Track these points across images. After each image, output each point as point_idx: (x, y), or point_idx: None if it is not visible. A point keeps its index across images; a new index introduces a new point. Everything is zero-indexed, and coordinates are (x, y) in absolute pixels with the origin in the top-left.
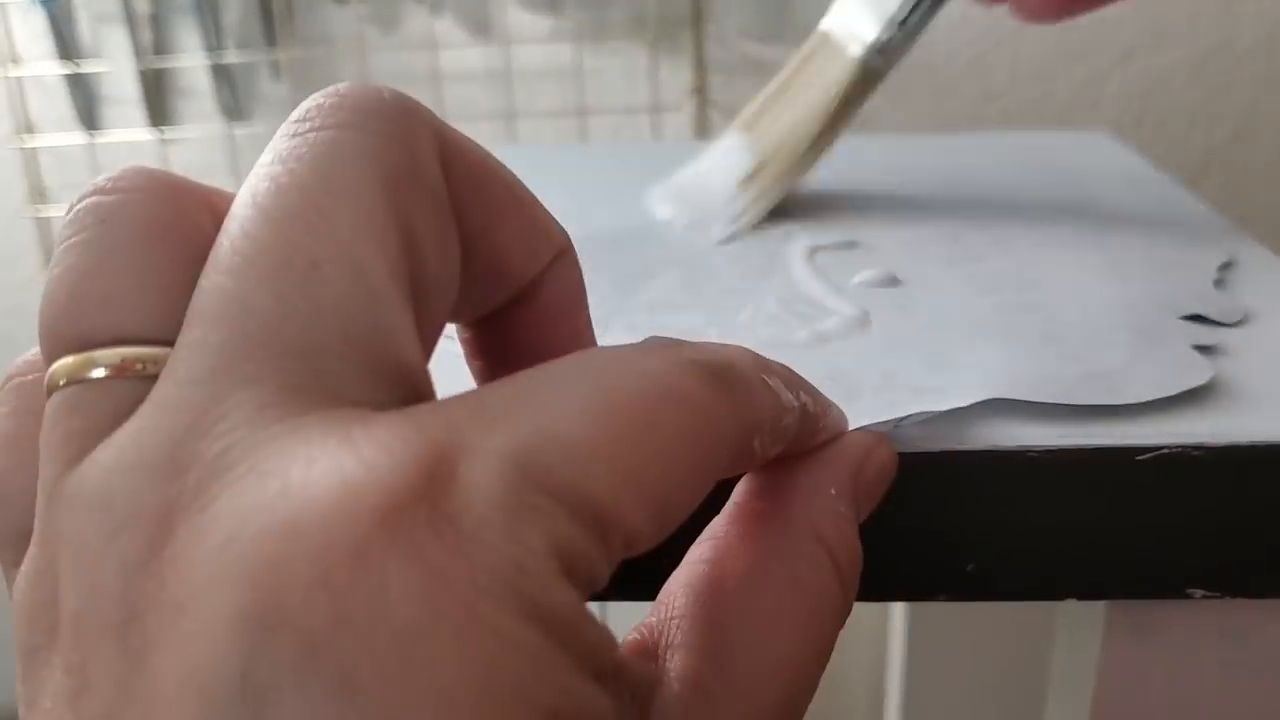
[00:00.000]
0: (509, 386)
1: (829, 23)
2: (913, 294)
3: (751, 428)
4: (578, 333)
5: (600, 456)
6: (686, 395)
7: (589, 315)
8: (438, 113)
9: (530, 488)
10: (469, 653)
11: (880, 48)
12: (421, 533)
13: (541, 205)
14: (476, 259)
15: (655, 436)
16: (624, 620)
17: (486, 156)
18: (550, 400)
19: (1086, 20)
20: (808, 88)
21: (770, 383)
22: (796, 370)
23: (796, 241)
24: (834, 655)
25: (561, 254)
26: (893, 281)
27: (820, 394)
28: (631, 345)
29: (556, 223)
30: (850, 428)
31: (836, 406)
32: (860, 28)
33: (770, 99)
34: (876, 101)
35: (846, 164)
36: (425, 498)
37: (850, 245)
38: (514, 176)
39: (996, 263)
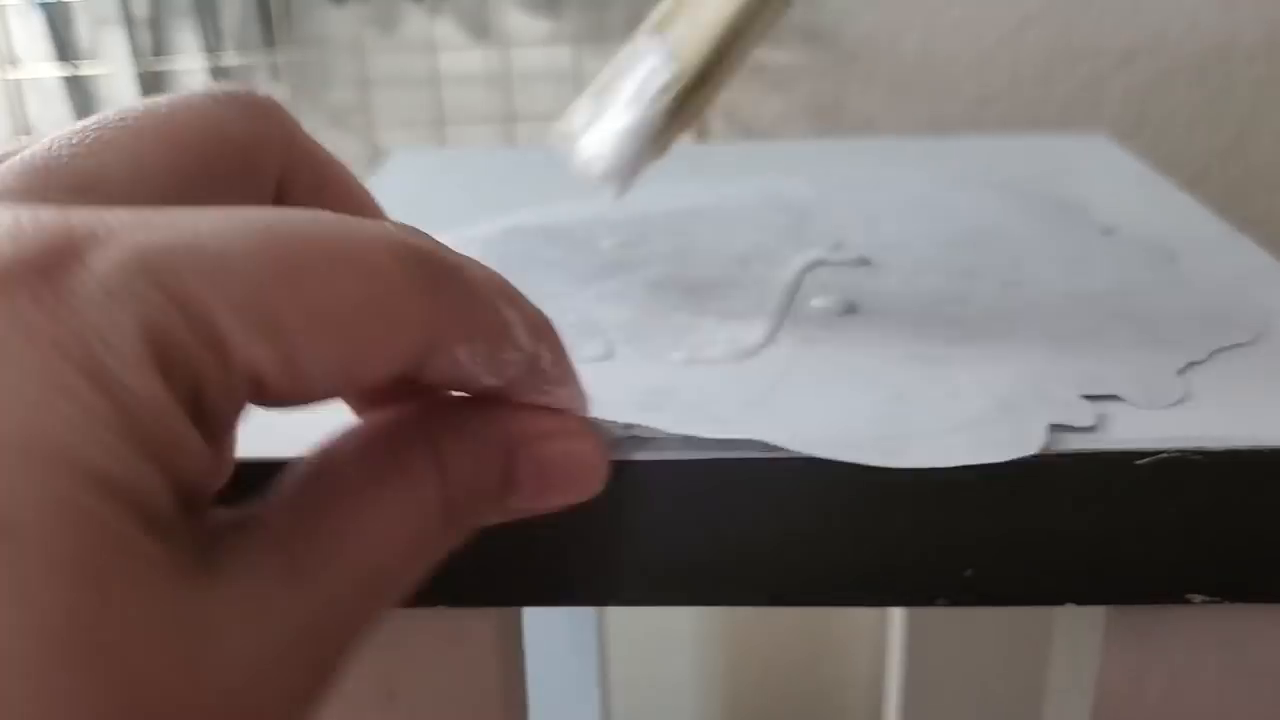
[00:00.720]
0: (195, 210)
1: None
2: (848, 329)
3: (455, 330)
4: None
5: (239, 279)
6: (377, 268)
7: None
8: (436, 114)
9: (145, 280)
10: (26, 398)
11: None
12: (23, 296)
13: (379, 212)
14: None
15: (309, 284)
16: (624, 622)
17: (332, 163)
18: (221, 222)
19: (1087, 22)
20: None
21: (505, 312)
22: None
23: (804, 254)
24: (833, 660)
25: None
26: (849, 309)
27: (569, 365)
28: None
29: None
30: (586, 414)
31: (581, 387)
32: None
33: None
34: (877, 103)
35: (869, 167)
36: (40, 270)
37: (862, 262)
38: (359, 186)
39: (961, 308)
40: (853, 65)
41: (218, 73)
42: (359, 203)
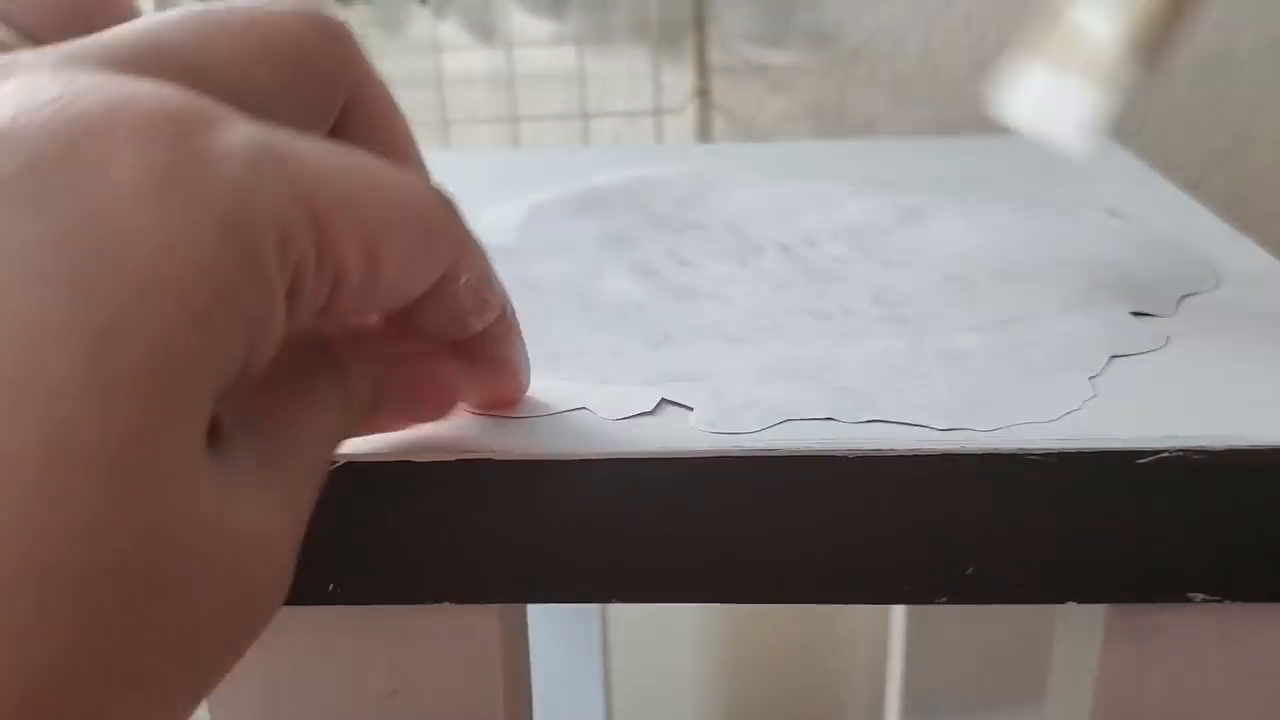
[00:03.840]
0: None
1: None
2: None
3: (463, 260)
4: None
5: (339, 182)
6: (422, 195)
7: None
8: (440, 115)
9: (270, 159)
10: (155, 239)
11: None
12: (163, 144)
13: (419, 155)
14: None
15: (386, 195)
16: (627, 618)
17: (390, 99)
18: (317, 142)
19: None
20: None
21: (478, 261)
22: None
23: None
24: (834, 656)
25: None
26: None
27: (520, 335)
28: None
29: (427, 171)
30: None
31: (526, 358)
32: None
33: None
34: (879, 104)
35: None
36: (181, 127)
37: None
38: (407, 127)
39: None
40: (855, 66)
41: None
42: (404, 137)
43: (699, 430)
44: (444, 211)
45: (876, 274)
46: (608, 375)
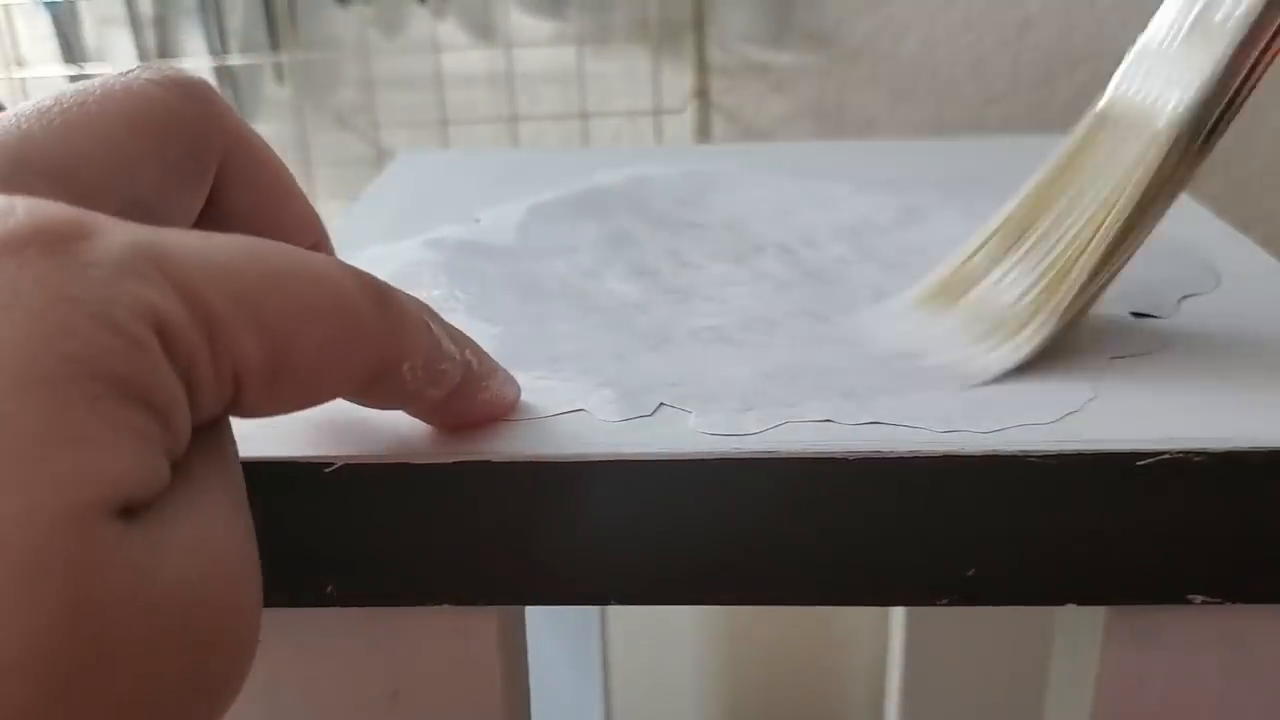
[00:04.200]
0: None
1: (1109, 100)
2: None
3: (400, 350)
4: None
5: (232, 277)
6: (339, 286)
7: None
8: (440, 115)
9: (148, 262)
10: (36, 335)
11: (1196, 114)
12: (34, 253)
13: (305, 199)
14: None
15: (290, 290)
16: (626, 619)
17: (265, 148)
18: (207, 236)
19: (1087, 24)
20: (1096, 177)
21: (433, 327)
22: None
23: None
24: (834, 658)
25: (317, 245)
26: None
27: (489, 358)
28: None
29: (315, 214)
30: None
31: (506, 372)
32: (1166, 94)
33: (1036, 196)
34: (879, 104)
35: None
36: (52, 238)
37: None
38: (287, 172)
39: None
40: (854, 67)
41: (222, 73)
42: (285, 189)
43: (699, 433)
44: (368, 300)
45: (875, 275)
46: (607, 377)
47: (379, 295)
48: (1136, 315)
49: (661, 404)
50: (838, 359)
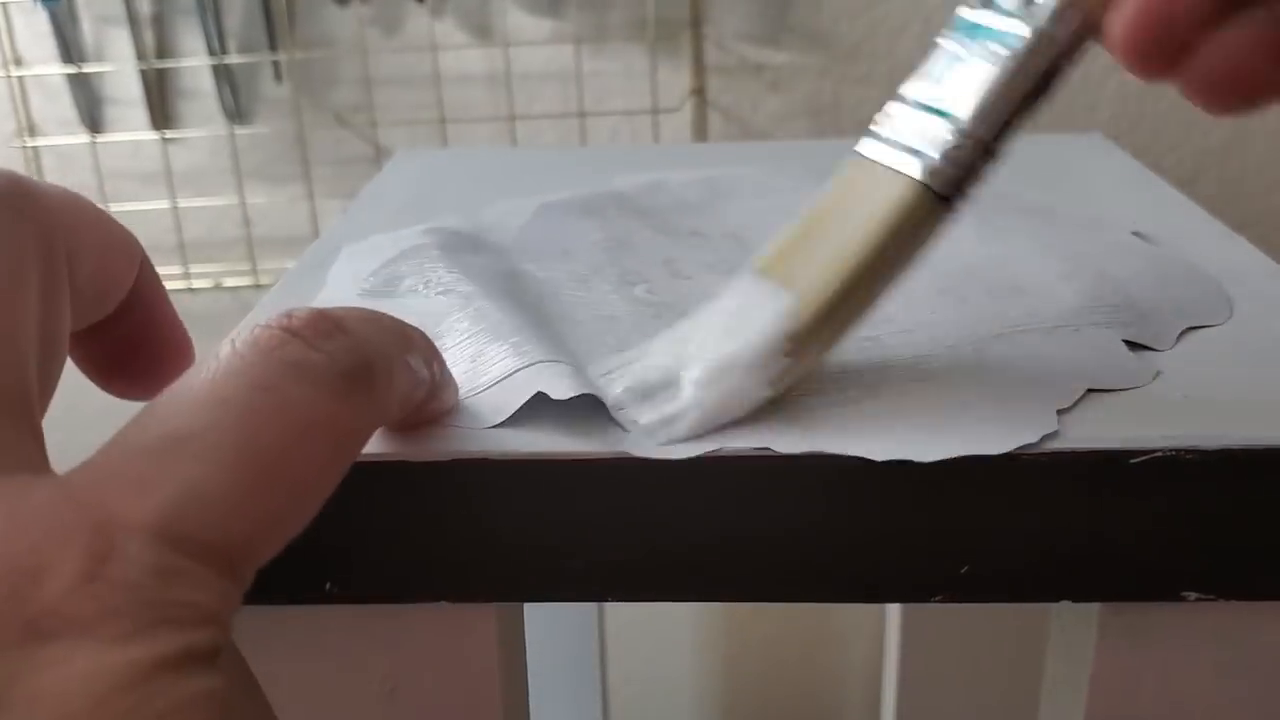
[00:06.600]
0: (153, 436)
1: (868, 146)
2: None
3: (385, 413)
4: (168, 318)
5: (242, 512)
6: (328, 422)
7: (169, 301)
8: (438, 114)
9: (178, 553)
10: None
11: (948, 162)
12: (79, 598)
13: (115, 221)
14: (79, 280)
15: (293, 474)
16: (623, 617)
17: (67, 195)
18: (194, 455)
19: None
20: (846, 221)
21: (411, 362)
22: None
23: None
24: (830, 655)
25: (142, 262)
26: None
27: (445, 367)
28: (278, 348)
29: (128, 233)
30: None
31: (455, 382)
32: (919, 142)
33: (797, 237)
34: (875, 103)
35: None
36: (89, 576)
37: None
38: (91, 204)
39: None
40: (850, 66)
41: (221, 72)
42: (94, 219)
43: (636, 442)
44: (336, 399)
45: None
46: (564, 375)
47: (358, 386)
48: (1130, 344)
49: (610, 407)
50: None
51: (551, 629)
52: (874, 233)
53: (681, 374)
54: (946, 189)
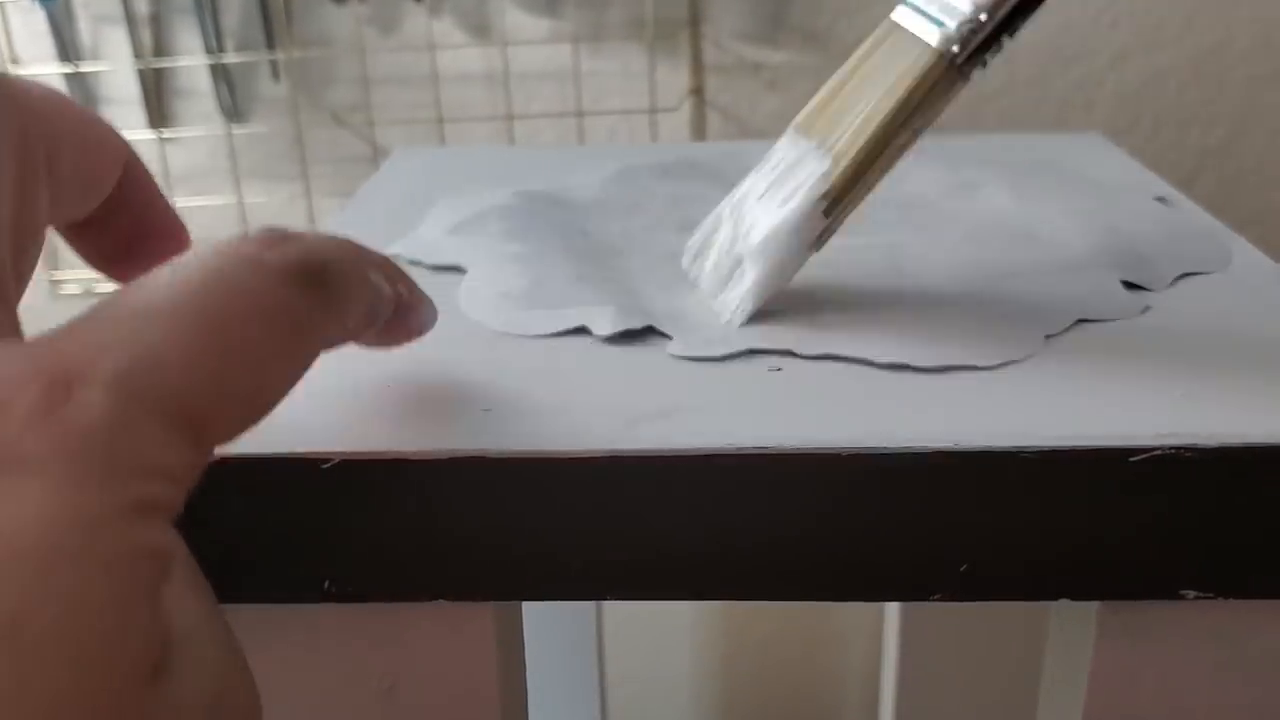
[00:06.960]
0: (118, 309)
1: (900, 12)
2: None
3: (342, 316)
4: (162, 211)
5: (200, 376)
6: (282, 307)
7: (162, 195)
8: (436, 113)
9: (134, 406)
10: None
11: (964, 31)
12: (33, 436)
13: (99, 118)
14: (61, 173)
15: (251, 349)
16: (622, 616)
17: (49, 92)
18: (155, 323)
19: (1081, 22)
20: (873, 83)
21: (371, 277)
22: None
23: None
24: (829, 654)
25: (130, 159)
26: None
27: (417, 287)
28: (236, 247)
29: (112, 129)
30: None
31: (430, 301)
32: (940, 12)
33: (832, 94)
34: None
35: None
36: (45, 416)
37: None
38: (74, 103)
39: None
40: None
41: (218, 71)
42: (79, 118)
43: (672, 356)
44: (293, 289)
45: (905, 234)
46: (605, 305)
47: (315, 282)
48: (1127, 285)
49: (649, 329)
50: None
51: (550, 627)
52: (895, 98)
53: (741, 252)
54: (961, 57)
